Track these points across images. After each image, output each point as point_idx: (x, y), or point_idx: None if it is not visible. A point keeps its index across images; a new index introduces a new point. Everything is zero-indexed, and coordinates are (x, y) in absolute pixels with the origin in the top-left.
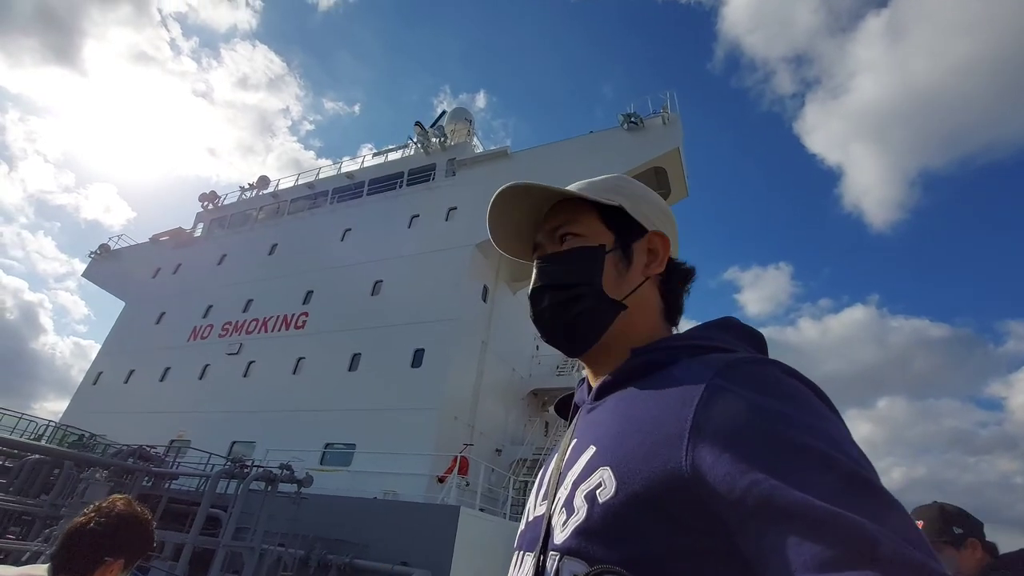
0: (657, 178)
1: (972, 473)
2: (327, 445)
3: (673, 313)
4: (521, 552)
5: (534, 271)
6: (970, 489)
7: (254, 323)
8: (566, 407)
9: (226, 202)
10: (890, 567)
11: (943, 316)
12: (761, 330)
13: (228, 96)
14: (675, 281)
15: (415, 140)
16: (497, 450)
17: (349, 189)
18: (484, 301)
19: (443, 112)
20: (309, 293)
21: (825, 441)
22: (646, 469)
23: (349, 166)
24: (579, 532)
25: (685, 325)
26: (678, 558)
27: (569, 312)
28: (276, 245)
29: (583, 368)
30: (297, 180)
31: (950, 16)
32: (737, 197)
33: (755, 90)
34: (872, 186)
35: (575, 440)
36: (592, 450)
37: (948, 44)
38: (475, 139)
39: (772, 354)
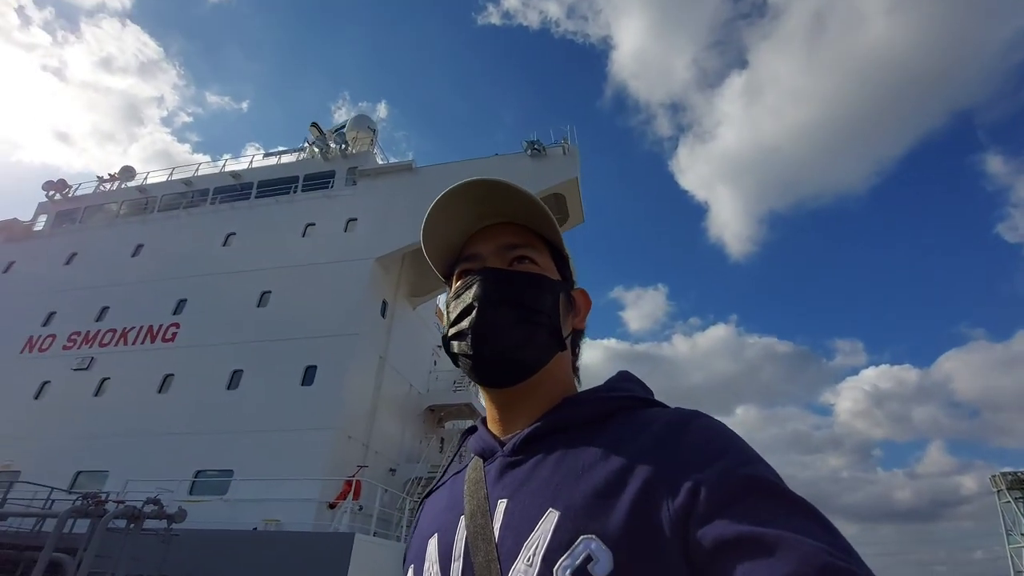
0: (557, 204)
1: (809, 469)
2: (198, 473)
3: (576, 370)
4: None
5: (477, 284)
6: (807, 483)
7: (110, 334)
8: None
9: (79, 193)
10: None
11: (787, 335)
12: (641, 346)
13: (87, 76)
14: (578, 341)
15: (312, 143)
16: (391, 470)
17: (235, 190)
18: (383, 316)
19: (343, 123)
20: (181, 302)
21: (769, 475)
22: (637, 533)
23: (235, 165)
24: None
25: None
26: None
27: (524, 333)
28: (142, 246)
29: (479, 418)
30: (171, 175)
31: (790, 85)
32: (622, 224)
33: (638, 130)
34: (730, 221)
35: (505, 500)
36: (555, 515)
37: (788, 108)
38: (377, 149)
39: (654, 369)
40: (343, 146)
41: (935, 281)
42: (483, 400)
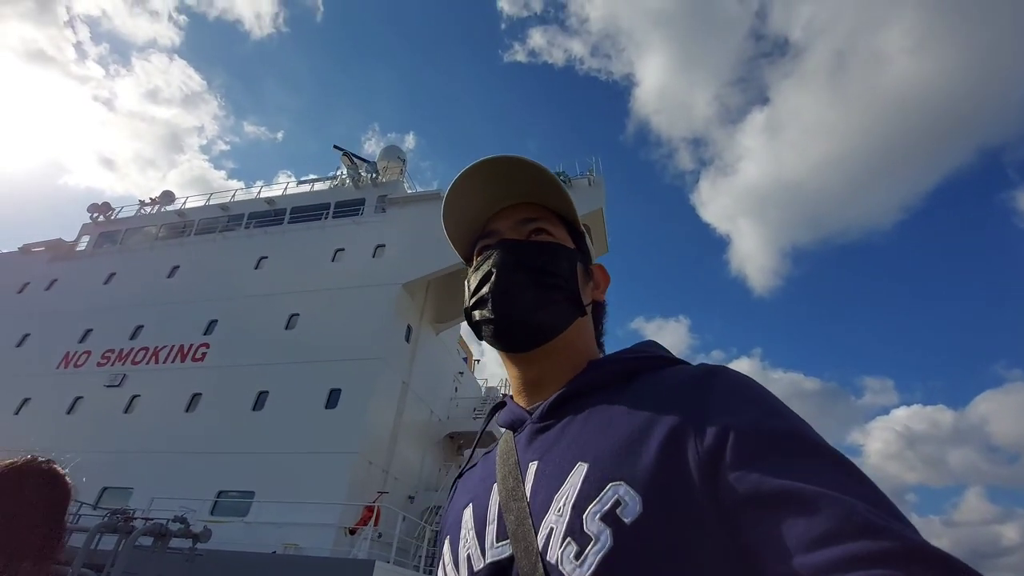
0: None
1: None
2: (220, 493)
3: (600, 341)
4: None
5: (495, 254)
6: None
7: (143, 352)
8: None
9: (121, 215)
10: (874, 534)
11: (814, 371)
12: None
13: (134, 107)
14: (601, 315)
15: (342, 172)
16: (410, 497)
17: (268, 215)
18: (407, 341)
19: (372, 155)
20: (213, 323)
21: (803, 428)
22: (666, 477)
23: (269, 192)
24: (610, 562)
25: None
26: (732, 556)
27: (542, 297)
28: (177, 267)
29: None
30: (208, 200)
31: (813, 120)
32: (644, 255)
33: (660, 164)
34: (753, 254)
35: (535, 462)
36: (584, 467)
37: (811, 144)
38: (406, 178)
39: None
40: (374, 175)
41: (968, 319)
42: (508, 375)
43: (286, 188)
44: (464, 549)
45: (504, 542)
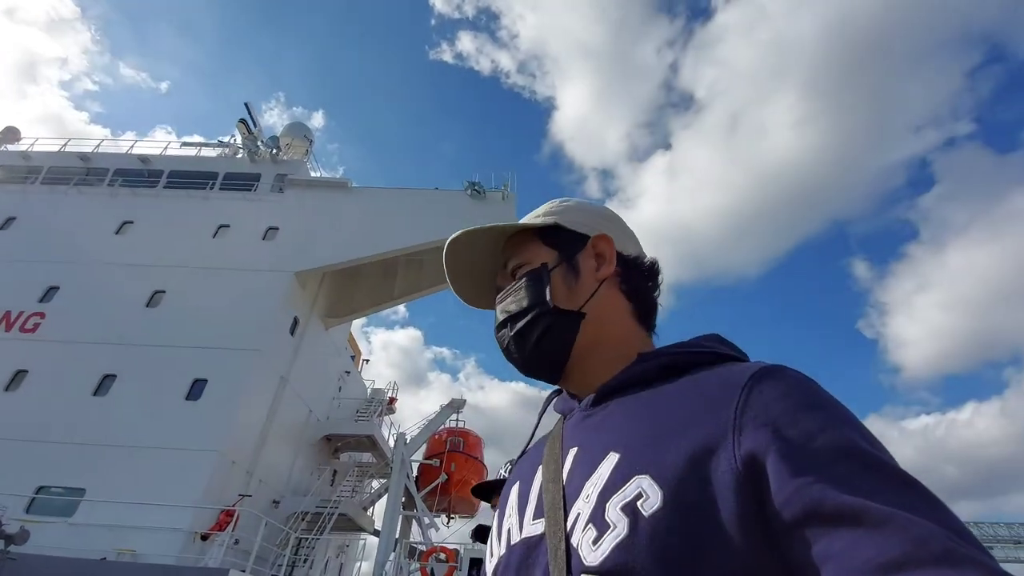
0: None
1: None
2: (40, 488)
3: (645, 314)
4: None
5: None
6: None
7: None
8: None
9: None
10: (954, 564)
11: None
12: (547, 392)
13: None
14: (636, 279)
15: (236, 140)
16: (275, 501)
17: (140, 175)
18: (292, 334)
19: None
20: (52, 289)
21: (866, 442)
22: (693, 475)
23: (145, 148)
24: (622, 550)
25: None
26: (739, 568)
27: (531, 336)
28: (13, 219)
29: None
30: (65, 146)
31: (705, 171)
32: None
33: (570, 188)
34: None
35: (576, 448)
36: (615, 457)
37: (702, 192)
38: (311, 160)
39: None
40: (274, 150)
41: (808, 367)
42: None
43: (166, 148)
44: (507, 523)
45: (539, 520)
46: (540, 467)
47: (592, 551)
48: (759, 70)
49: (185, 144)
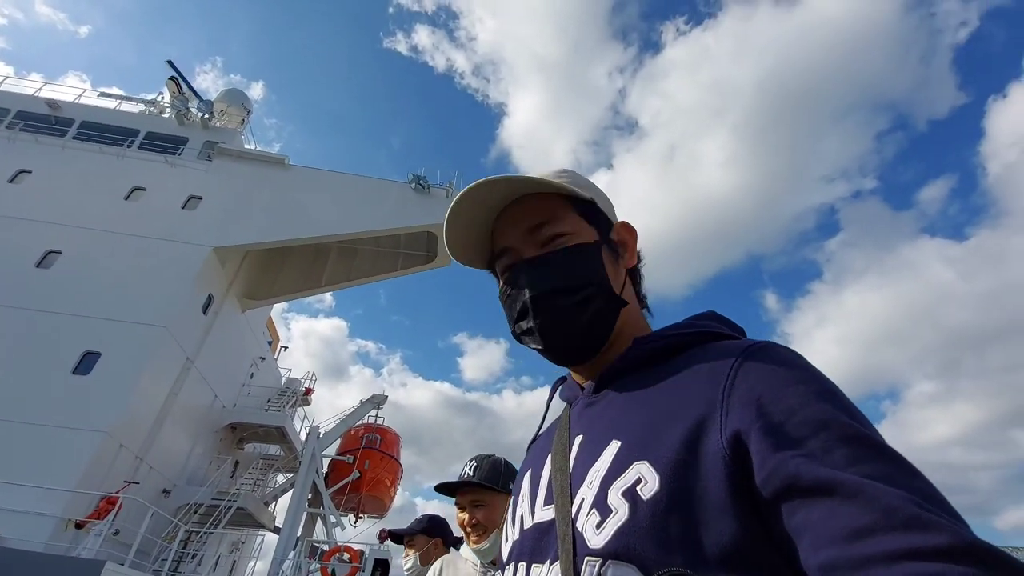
0: (428, 242)
1: None
2: None
3: (642, 301)
4: (524, 564)
5: (523, 278)
6: None
7: None
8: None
9: None
10: (922, 528)
11: None
12: (473, 395)
13: None
14: (639, 268)
15: (163, 99)
16: (165, 491)
17: (46, 121)
18: (204, 313)
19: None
20: None
21: (847, 414)
22: (687, 458)
23: (56, 92)
24: (623, 533)
25: None
26: (738, 550)
27: (584, 315)
28: None
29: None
30: None
31: (642, 195)
32: (478, 276)
33: None
34: None
35: (580, 436)
36: (616, 444)
37: (638, 214)
38: (247, 131)
39: (480, 420)
40: (206, 115)
41: None
42: None
43: (81, 95)
44: (520, 509)
45: (549, 507)
46: (550, 454)
47: (596, 535)
48: (698, 107)
49: (103, 95)
